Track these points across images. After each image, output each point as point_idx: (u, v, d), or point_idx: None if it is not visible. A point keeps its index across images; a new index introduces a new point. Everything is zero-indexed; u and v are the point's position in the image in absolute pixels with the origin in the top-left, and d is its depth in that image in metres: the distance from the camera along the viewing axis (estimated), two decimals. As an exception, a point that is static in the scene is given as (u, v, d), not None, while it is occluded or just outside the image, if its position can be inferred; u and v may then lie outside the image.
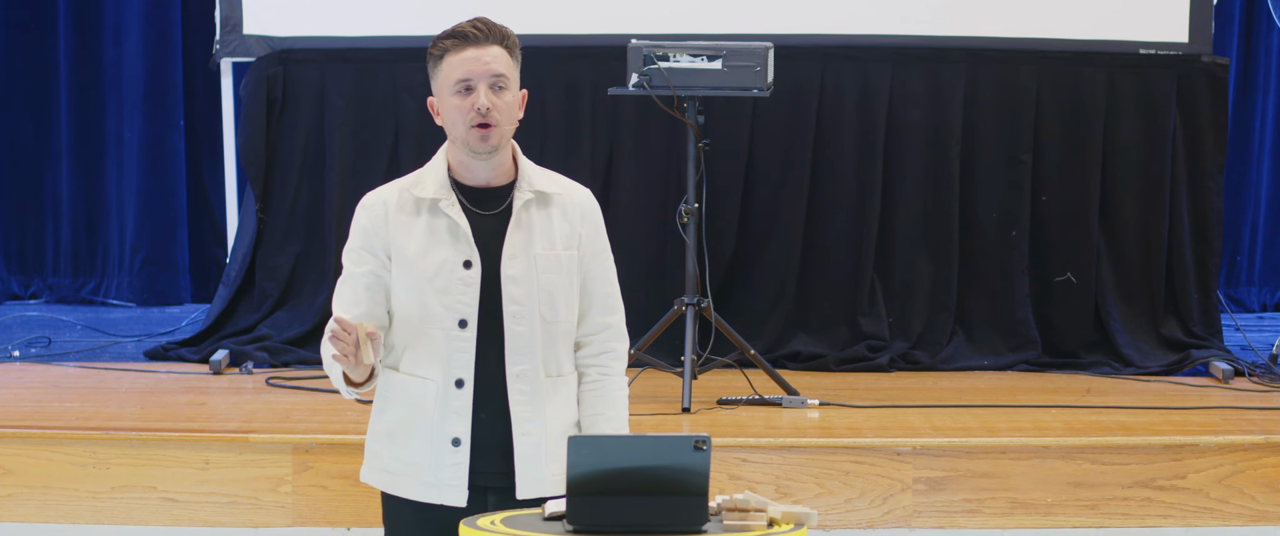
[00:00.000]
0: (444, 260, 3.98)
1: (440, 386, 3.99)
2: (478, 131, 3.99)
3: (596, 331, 4.11)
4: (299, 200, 7.90)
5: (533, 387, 4.02)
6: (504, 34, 4.04)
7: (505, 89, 4.01)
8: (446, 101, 4.03)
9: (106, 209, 9.69)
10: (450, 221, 4.00)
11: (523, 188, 4.05)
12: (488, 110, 3.97)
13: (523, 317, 3.99)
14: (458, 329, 3.98)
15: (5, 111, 9.66)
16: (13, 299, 9.69)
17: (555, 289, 4.02)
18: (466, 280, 3.98)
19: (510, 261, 4.00)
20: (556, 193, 4.08)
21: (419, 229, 4.01)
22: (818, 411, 6.52)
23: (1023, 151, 7.82)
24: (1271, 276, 9.94)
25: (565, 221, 4.06)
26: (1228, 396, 6.89)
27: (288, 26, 7.87)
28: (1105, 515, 5.82)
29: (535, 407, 4.02)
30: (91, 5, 9.60)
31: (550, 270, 4.02)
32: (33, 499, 5.76)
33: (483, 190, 4.05)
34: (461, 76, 4.00)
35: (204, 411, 6.53)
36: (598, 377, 4.12)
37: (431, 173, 4.07)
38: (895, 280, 7.84)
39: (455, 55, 4.02)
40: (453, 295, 3.97)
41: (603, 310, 4.12)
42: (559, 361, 4.06)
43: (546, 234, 4.04)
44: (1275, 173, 9.88)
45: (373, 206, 4.06)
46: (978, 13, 7.81)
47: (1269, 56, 9.78)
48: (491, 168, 4.04)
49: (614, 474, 3.62)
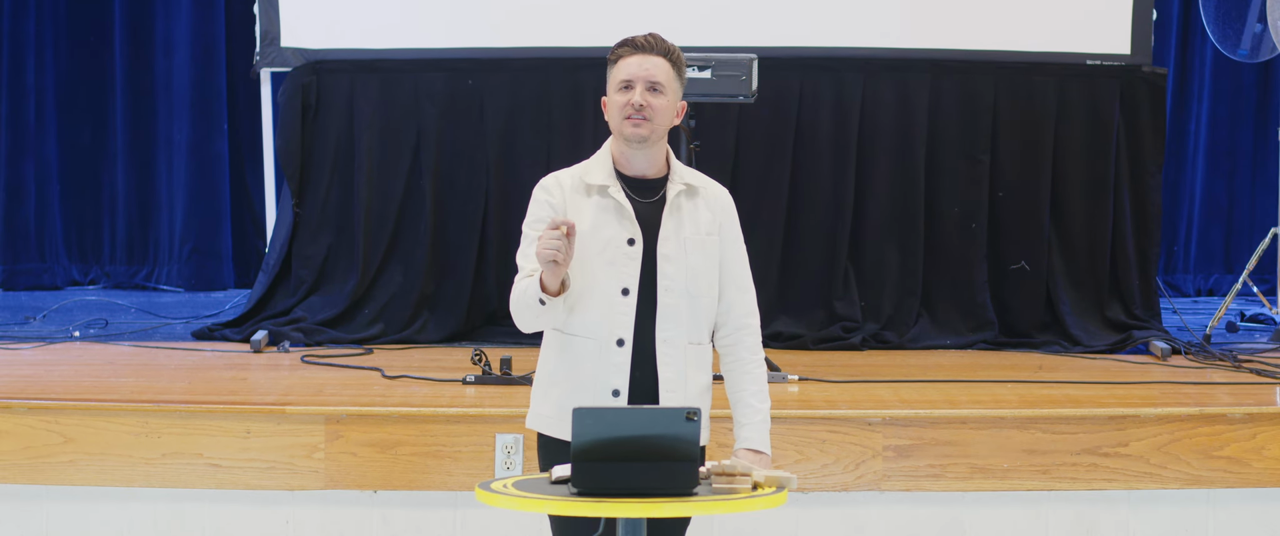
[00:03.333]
0: (612, 236, 4.12)
1: (602, 345, 4.12)
2: (630, 121, 4.12)
3: (734, 307, 4.24)
4: (330, 196, 7.88)
5: (678, 352, 4.15)
6: (670, 49, 4.20)
7: (661, 93, 4.15)
8: (612, 98, 4.17)
9: (158, 204, 9.69)
10: (617, 204, 4.14)
11: (675, 180, 4.20)
12: (640, 106, 4.11)
13: (674, 290, 4.15)
14: (620, 296, 4.12)
15: (67, 116, 9.66)
16: (73, 285, 9.69)
17: (700, 268, 4.17)
18: (630, 254, 4.12)
19: (665, 241, 4.15)
20: (702, 186, 4.24)
21: (590, 209, 4.14)
22: (797, 386, 6.51)
23: (981, 152, 7.81)
24: (1205, 264, 9.95)
25: (709, 212, 4.22)
26: (1166, 372, 6.88)
27: (321, 40, 7.86)
28: (1056, 479, 5.81)
29: (678, 369, 4.15)
30: (144, 21, 9.60)
31: (697, 251, 4.17)
32: (92, 464, 5.76)
33: (640, 180, 4.18)
34: (625, 77, 4.15)
35: (245, 386, 6.52)
36: (744, 356, 4.27)
37: (599, 162, 4.21)
38: (867, 268, 7.84)
39: (626, 60, 4.17)
40: (618, 266, 4.12)
41: (739, 289, 4.26)
42: (700, 331, 4.20)
43: (694, 221, 4.19)
44: (1208, 172, 9.88)
45: (551, 187, 4.20)
46: (941, 27, 7.79)
47: (1203, 67, 9.78)
48: (648, 159, 4.17)
49: (614, 442, 3.63)
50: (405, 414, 5.79)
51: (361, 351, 7.33)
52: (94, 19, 9.60)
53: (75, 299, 9.02)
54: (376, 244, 7.84)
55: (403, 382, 6.48)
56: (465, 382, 6.35)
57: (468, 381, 6.35)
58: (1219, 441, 5.83)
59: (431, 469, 5.74)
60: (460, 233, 7.84)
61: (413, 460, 5.74)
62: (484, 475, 5.66)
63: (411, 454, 5.75)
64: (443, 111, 7.84)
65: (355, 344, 7.48)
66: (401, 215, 7.84)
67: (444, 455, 5.74)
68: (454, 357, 7.09)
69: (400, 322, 7.72)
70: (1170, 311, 8.02)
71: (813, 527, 5.80)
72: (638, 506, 3.62)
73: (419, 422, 5.77)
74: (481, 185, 7.82)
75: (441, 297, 7.77)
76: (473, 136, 7.83)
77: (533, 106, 7.81)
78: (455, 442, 5.74)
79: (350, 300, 7.75)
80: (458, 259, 7.83)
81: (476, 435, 5.73)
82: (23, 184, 9.64)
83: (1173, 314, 8.02)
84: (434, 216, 7.79)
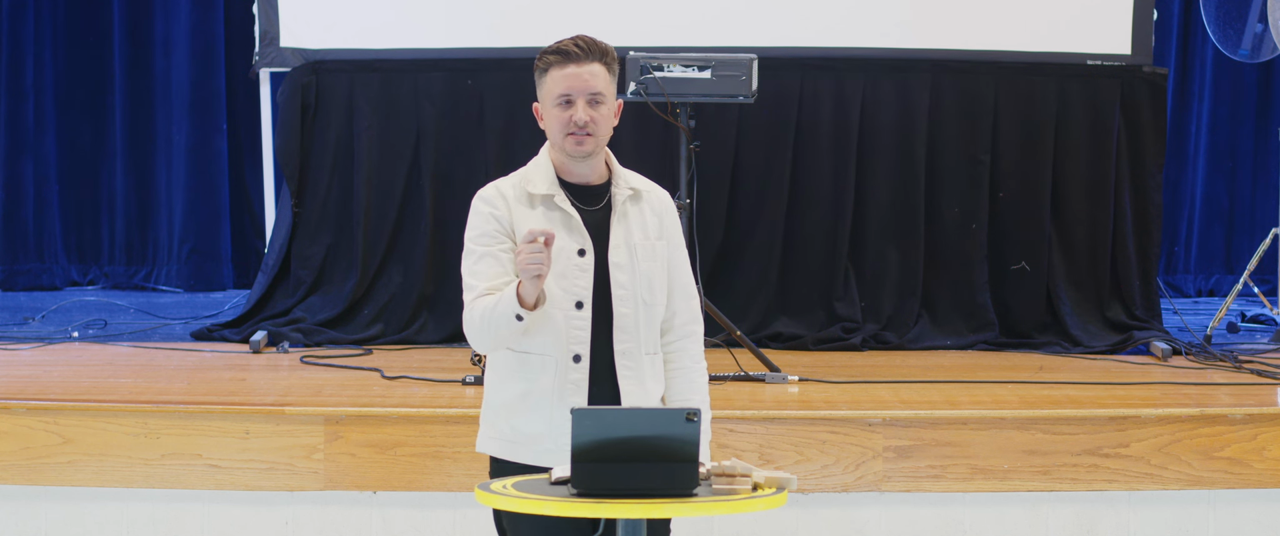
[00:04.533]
0: (561, 248, 4.01)
1: (558, 362, 4.02)
2: (573, 139, 4.03)
3: (678, 314, 4.15)
4: (330, 196, 7.88)
5: (635, 363, 4.06)
6: (604, 51, 4.09)
7: (602, 103, 4.05)
8: (549, 111, 4.07)
9: (157, 204, 9.69)
10: (564, 214, 4.05)
11: (620, 185, 4.11)
12: (585, 123, 4.02)
13: (627, 300, 4.05)
14: (575, 310, 4.02)
15: (66, 116, 9.66)
16: (72, 285, 9.69)
17: (652, 275, 4.08)
18: (582, 266, 4.02)
19: (615, 250, 4.05)
20: (645, 190, 4.16)
21: (536, 219, 4.04)
22: (797, 386, 6.51)
23: (982, 152, 7.81)
24: (1206, 265, 9.95)
25: (654, 216, 4.13)
26: (1166, 373, 6.88)
27: (320, 40, 7.85)
28: (1056, 479, 5.81)
29: (638, 381, 4.07)
30: (143, 21, 9.60)
31: (647, 258, 4.08)
32: (91, 465, 5.76)
33: (583, 187, 4.09)
34: (563, 91, 4.03)
35: (244, 386, 6.52)
36: (688, 365, 4.17)
37: (539, 171, 4.11)
38: (867, 268, 7.83)
39: (558, 70, 4.05)
40: (570, 279, 4.02)
41: (685, 296, 4.17)
42: (655, 340, 4.11)
43: (641, 226, 4.10)
44: (1209, 172, 9.88)
45: (493, 199, 4.13)
46: (941, 27, 7.79)
47: (1204, 67, 9.78)
48: (590, 166, 4.09)
49: (613, 443, 3.62)
50: (405, 414, 5.79)
51: (361, 352, 7.33)
52: (93, 19, 9.60)
53: (74, 299, 9.02)
54: (376, 244, 7.83)
55: (402, 383, 6.48)
56: (465, 383, 6.34)
57: (467, 382, 6.34)
58: (1220, 442, 5.83)
59: (431, 470, 5.74)
60: (460, 233, 7.77)
61: (412, 461, 5.74)
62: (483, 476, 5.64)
63: (411, 454, 5.74)
64: (442, 111, 7.84)
65: (354, 344, 7.48)
66: (401, 215, 7.84)
67: (443, 456, 5.74)
68: (454, 358, 7.08)
69: (400, 323, 7.72)
70: (1171, 312, 8.02)
71: (813, 528, 5.79)
72: (638, 507, 3.62)
73: (418, 423, 5.77)
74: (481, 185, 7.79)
75: (441, 298, 7.77)
76: (472, 136, 7.82)
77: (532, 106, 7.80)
78: (455, 443, 5.74)
79: (349, 300, 7.75)
80: (457, 259, 7.72)
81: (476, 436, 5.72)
82: (21, 184, 9.64)
83: (1173, 314, 8.02)
84: (433, 216, 7.79)
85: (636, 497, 3.62)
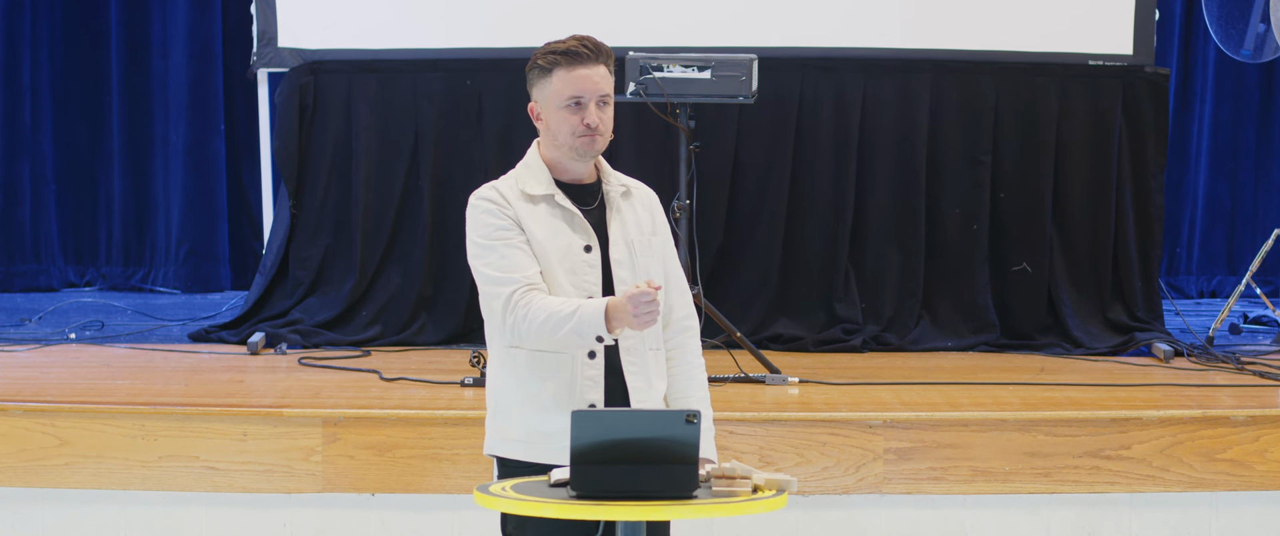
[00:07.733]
0: (568, 244, 4.06)
1: (573, 358, 4.04)
2: (585, 140, 4.06)
3: (675, 309, 4.19)
4: (328, 197, 7.88)
5: (640, 359, 4.10)
6: (607, 51, 4.13)
7: (609, 103, 4.10)
8: (554, 113, 4.08)
9: (154, 205, 9.69)
10: (567, 212, 4.09)
11: (612, 183, 4.16)
12: (597, 125, 4.05)
13: None
14: None
15: (63, 117, 9.66)
16: (69, 286, 9.69)
17: (650, 269, 4.13)
18: (589, 262, 4.07)
19: (615, 246, 4.10)
20: (634, 187, 4.20)
21: (540, 217, 4.08)
22: (797, 388, 6.51)
23: (983, 153, 7.81)
24: (1208, 266, 9.94)
25: (645, 211, 4.18)
26: (1168, 375, 6.88)
27: (318, 40, 7.86)
28: (1058, 482, 5.81)
29: (644, 376, 4.10)
30: (141, 21, 9.59)
31: (645, 253, 4.13)
32: (88, 467, 5.76)
33: (577, 186, 4.13)
34: (574, 93, 4.06)
35: (242, 388, 6.52)
36: (688, 360, 4.20)
37: (533, 172, 4.14)
38: (867, 269, 7.83)
39: (567, 72, 4.06)
40: (580, 275, 4.06)
41: (679, 291, 4.22)
42: (657, 335, 4.14)
43: (636, 222, 4.15)
44: (1211, 173, 9.88)
45: (492, 196, 4.15)
46: (942, 27, 7.79)
47: (1206, 68, 9.78)
48: (584, 167, 4.13)
49: (613, 445, 3.62)
50: (403, 416, 5.79)
51: (359, 353, 7.33)
52: (90, 19, 9.60)
53: (71, 301, 9.01)
54: (374, 245, 7.83)
55: (400, 385, 6.48)
56: (463, 385, 6.34)
57: (466, 383, 6.34)
58: (1222, 444, 5.83)
59: (429, 472, 5.73)
60: (459, 234, 7.74)
61: (411, 463, 5.74)
62: (482, 478, 5.65)
63: (409, 456, 5.74)
64: (441, 112, 7.84)
65: (353, 346, 7.48)
66: (399, 216, 7.84)
67: (442, 458, 5.74)
68: (452, 359, 7.09)
69: (398, 324, 7.72)
70: (1173, 313, 8.02)
71: (813, 531, 5.79)
72: (637, 509, 3.61)
73: (417, 425, 5.77)
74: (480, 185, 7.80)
75: (439, 299, 7.77)
76: (471, 137, 7.82)
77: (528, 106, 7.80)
78: (453, 445, 5.74)
79: (348, 302, 7.75)
80: (456, 260, 7.81)
81: (475, 438, 5.68)
82: (18, 185, 9.64)
83: (1175, 315, 8.02)
84: (432, 217, 7.79)
85: (636, 499, 3.62)
